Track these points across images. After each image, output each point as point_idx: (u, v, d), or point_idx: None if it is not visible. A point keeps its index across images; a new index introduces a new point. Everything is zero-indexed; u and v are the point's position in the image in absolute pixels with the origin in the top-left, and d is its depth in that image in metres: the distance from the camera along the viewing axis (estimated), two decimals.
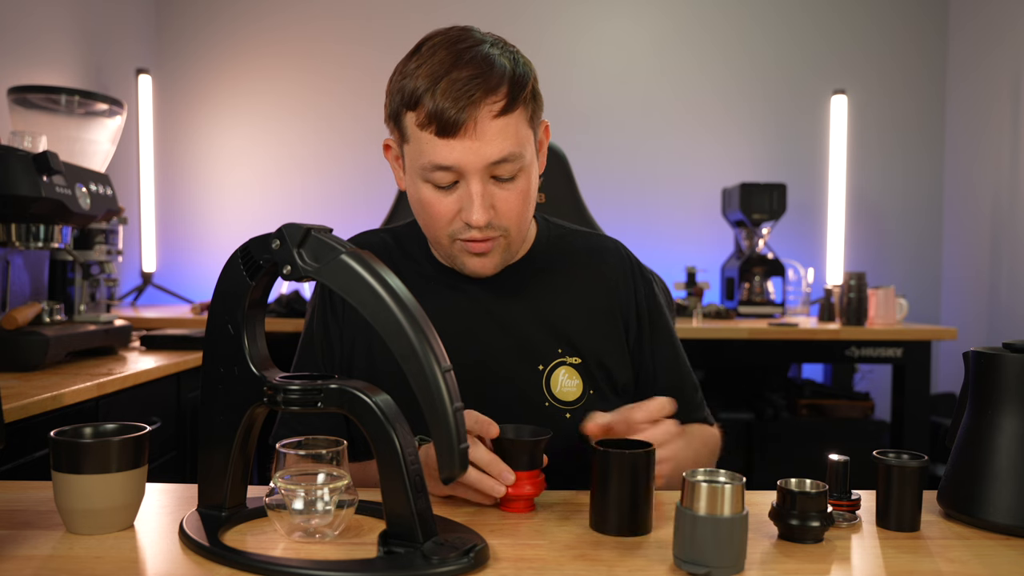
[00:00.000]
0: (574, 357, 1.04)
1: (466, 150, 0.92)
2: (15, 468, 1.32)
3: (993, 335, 3.00)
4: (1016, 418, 0.80)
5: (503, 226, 0.98)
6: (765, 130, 3.34)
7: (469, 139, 0.91)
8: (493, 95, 0.92)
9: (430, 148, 0.93)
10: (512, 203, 0.97)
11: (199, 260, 3.24)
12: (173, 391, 1.86)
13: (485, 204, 0.95)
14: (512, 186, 0.96)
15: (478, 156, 0.92)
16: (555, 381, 1.03)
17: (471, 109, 0.90)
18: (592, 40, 3.30)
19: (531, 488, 0.82)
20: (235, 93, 3.28)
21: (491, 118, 0.92)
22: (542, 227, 1.13)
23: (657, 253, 3.03)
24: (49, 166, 1.50)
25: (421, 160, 0.94)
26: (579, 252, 1.12)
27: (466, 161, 0.92)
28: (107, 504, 0.75)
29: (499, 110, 0.92)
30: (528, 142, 0.97)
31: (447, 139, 0.91)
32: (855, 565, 0.72)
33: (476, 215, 0.94)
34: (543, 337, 1.05)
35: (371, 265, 0.69)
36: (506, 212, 0.97)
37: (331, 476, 0.75)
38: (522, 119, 0.95)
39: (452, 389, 0.66)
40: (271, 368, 0.76)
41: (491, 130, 0.92)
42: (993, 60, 3.06)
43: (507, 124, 0.93)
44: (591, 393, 1.04)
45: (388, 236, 1.13)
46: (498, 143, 0.92)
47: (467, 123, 0.90)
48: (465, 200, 0.95)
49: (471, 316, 1.05)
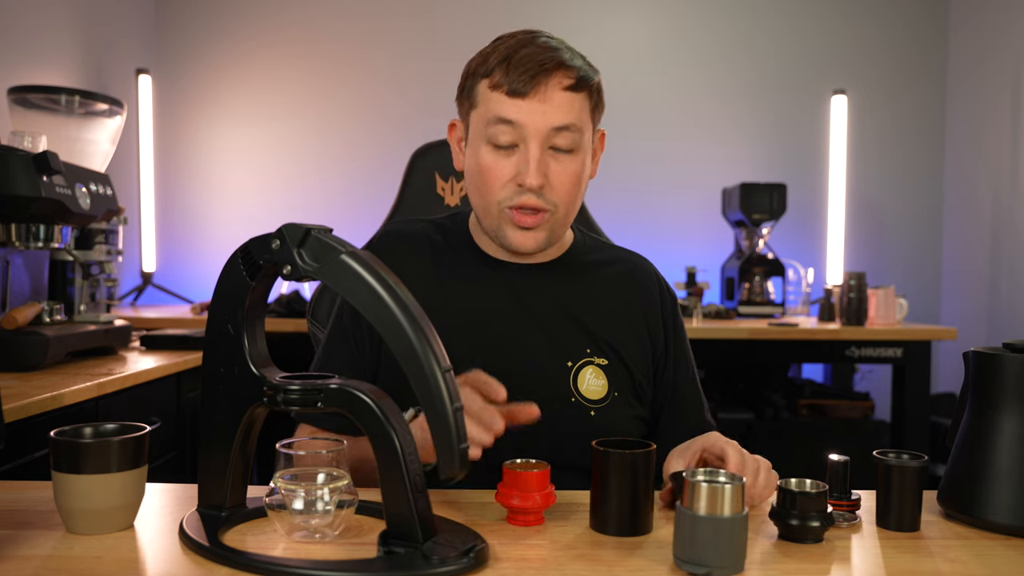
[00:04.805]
0: (601, 358, 1.06)
1: (532, 111, 0.97)
2: (15, 468, 1.32)
3: (993, 335, 3.00)
4: (1016, 418, 0.80)
5: (553, 201, 1.01)
6: (765, 130, 3.34)
7: (537, 102, 0.97)
8: (565, 70, 0.98)
9: (498, 105, 0.98)
10: (565, 179, 1.00)
11: (199, 260, 3.24)
12: (173, 391, 1.86)
13: (541, 169, 0.98)
14: (568, 161, 1.00)
15: (543, 118, 0.97)
16: (582, 379, 1.05)
17: (543, 76, 0.97)
18: (592, 40, 3.30)
19: (540, 500, 0.80)
20: (235, 93, 3.28)
21: (560, 89, 0.98)
22: (579, 236, 1.17)
23: (657, 253, 3.00)
24: (49, 166, 1.50)
25: (487, 116, 0.99)
26: (613, 262, 1.15)
27: (530, 120, 0.97)
28: (107, 504, 0.75)
29: (568, 85, 0.98)
30: (587, 128, 1.02)
31: (516, 99, 0.97)
32: (855, 565, 0.72)
33: (531, 177, 0.97)
34: (574, 335, 1.07)
35: (371, 265, 0.69)
36: (558, 187, 1.00)
37: (331, 476, 0.75)
38: (586, 105, 1.01)
39: (452, 389, 0.66)
40: (271, 368, 0.76)
41: (558, 98, 0.98)
42: (993, 60, 3.06)
43: (573, 99, 0.99)
44: (616, 395, 1.05)
45: (428, 225, 1.15)
46: (563, 111, 0.98)
47: (537, 88, 0.96)
48: (522, 164, 0.99)
49: (506, 304, 1.07)
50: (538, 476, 0.79)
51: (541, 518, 0.81)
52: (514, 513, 0.80)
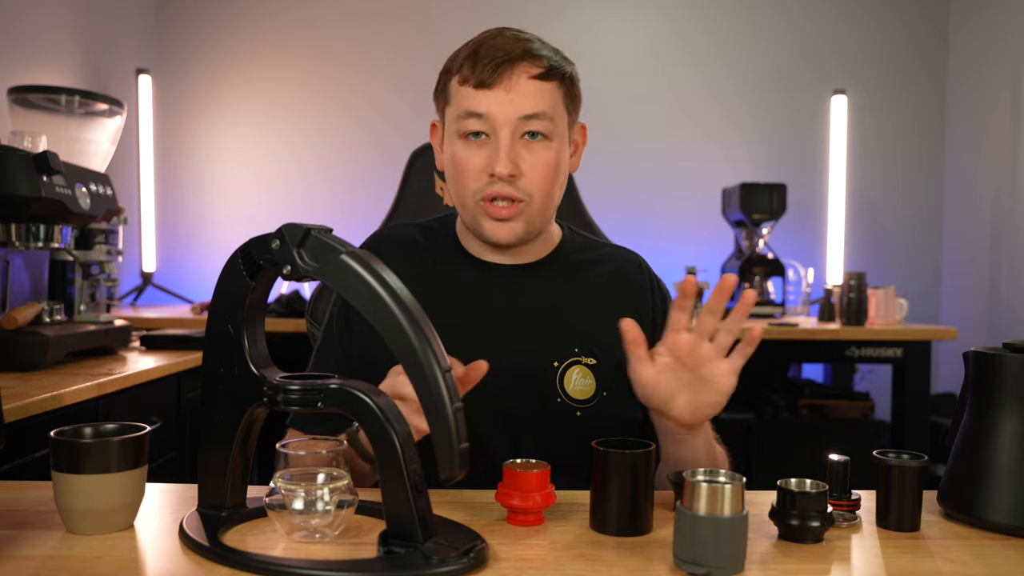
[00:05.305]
0: (589, 358, 1.06)
1: (499, 100, 0.97)
2: (15, 468, 1.32)
3: (993, 335, 3.00)
4: (1016, 418, 0.80)
5: (528, 190, 1.00)
6: (765, 130, 3.33)
7: (503, 91, 0.97)
8: (532, 60, 0.98)
9: (467, 99, 0.99)
10: (538, 167, 1.00)
11: (199, 260, 3.24)
12: (173, 391, 1.86)
13: (511, 157, 0.98)
14: (540, 149, 1.00)
15: (510, 107, 0.97)
16: (568, 379, 1.04)
17: (508, 66, 0.97)
18: (592, 40, 3.30)
19: (540, 500, 0.80)
20: (235, 93, 3.28)
21: (527, 78, 0.98)
22: (567, 234, 1.16)
23: (657, 253, 3.01)
24: (49, 166, 1.50)
25: (458, 111, 1.00)
26: (601, 260, 1.14)
27: (498, 110, 0.97)
28: (107, 504, 0.75)
29: (535, 74, 0.98)
30: (560, 118, 1.01)
31: (483, 90, 0.98)
32: (855, 565, 0.72)
33: (500, 165, 0.97)
34: (561, 335, 1.06)
35: (371, 265, 0.69)
36: (531, 176, 1.00)
37: (331, 476, 0.75)
38: (557, 94, 1.00)
39: (452, 389, 0.66)
40: (271, 368, 0.76)
41: (525, 87, 0.98)
42: (993, 60, 3.06)
43: (542, 88, 0.99)
44: (604, 395, 1.05)
45: (416, 230, 1.15)
46: (531, 99, 0.98)
47: (502, 78, 0.97)
48: (492, 153, 0.99)
49: (492, 304, 1.07)
50: (538, 476, 0.79)
51: (541, 518, 0.81)
52: (514, 513, 0.80)
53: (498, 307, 1.07)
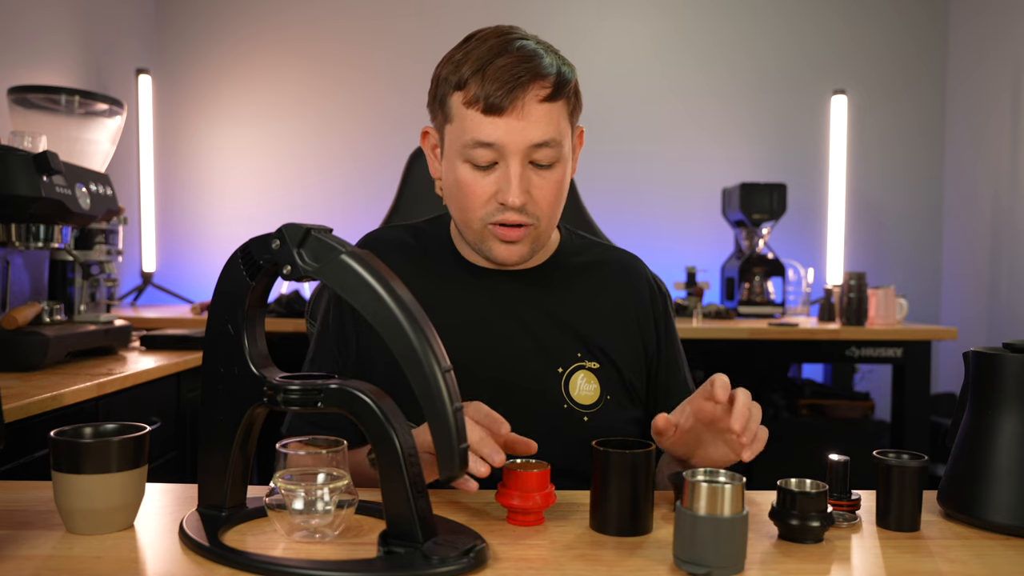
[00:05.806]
0: (592, 362, 1.05)
1: (510, 129, 0.94)
2: (15, 468, 1.32)
3: (993, 335, 3.00)
4: (1016, 418, 0.80)
5: (536, 214, 0.99)
6: (765, 130, 3.33)
7: (515, 119, 0.94)
8: (541, 81, 0.95)
9: (474, 125, 0.95)
10: (547, 192, 0.99)
11: (199, 260, 3.24)
12: (173, 391, 1.86)
13: (523, 187, 0.96)
14: (549, 175, 0.98)
15: (522, 136, 0.94)
16: (573, 384, 1.04)
17: (519, 91, 0.93)
18: (592, 40, 3.30)
19: (540, 500, 0.79)
20: (235, 93, 3.28)
21: (537, 102, 0.95)
22: (565, 236, 1.15)
23: (657, 253, 3.03)
24: (49, 166, 1.50)
25: (464, 137, 0.96)
26: (601, 263, 1.13)
27: (509, 140, 0.94)
28: (107, 504, 0.75)
29: (545, 96, 0.95)
30: (567, 136, 1.00)
31: (492, 117, 0.94)
32: (855, 565, 0.72)
33: (513, 196, 0.95)
34: (563, 340, 1.06)
35: (371, 265, 0.68)
36: (540, 200, 0.99)
37: (331, 476, 0.75)
38: (564, 112, 0.99)
39: (452, 389, 0.66)
40: (271, 368, 0.76)
41: (536, 112, 0.95)
42: (993, 60, 3.06)
43: (551, 110, 0.96)
44: (608, 398, 1.04)
45: (406, 232, 1.13)
46: (542, 126, 0.95)
47: (514, 104, 0.93)
48: (503, 181, 0.97)
49: (493, 313, 1.06)
50: (538, 476, 0.79)
51: (541, 518, 0.81)
52: (514, 513, 0.80)
53: (498, 315, 1.06)
